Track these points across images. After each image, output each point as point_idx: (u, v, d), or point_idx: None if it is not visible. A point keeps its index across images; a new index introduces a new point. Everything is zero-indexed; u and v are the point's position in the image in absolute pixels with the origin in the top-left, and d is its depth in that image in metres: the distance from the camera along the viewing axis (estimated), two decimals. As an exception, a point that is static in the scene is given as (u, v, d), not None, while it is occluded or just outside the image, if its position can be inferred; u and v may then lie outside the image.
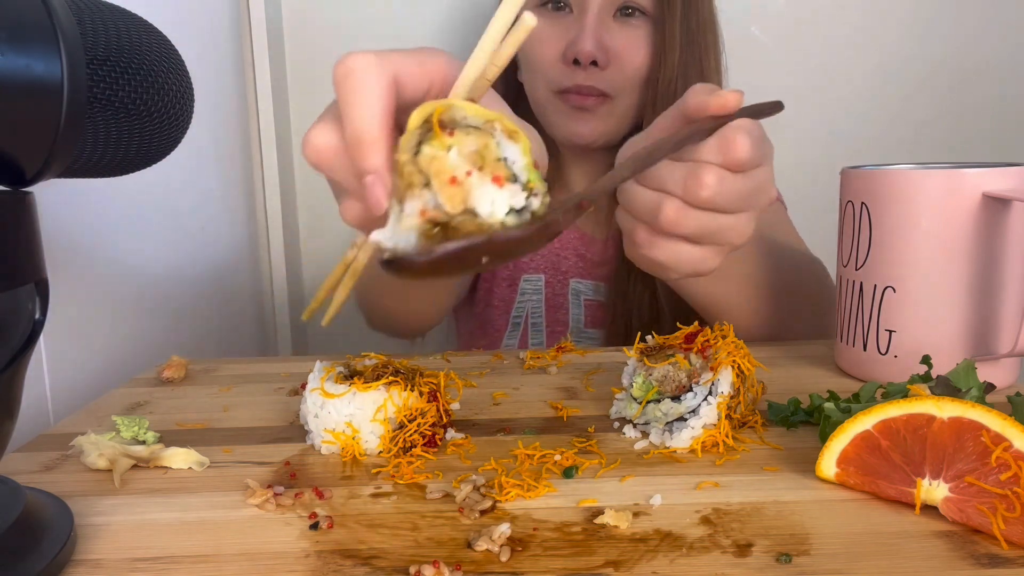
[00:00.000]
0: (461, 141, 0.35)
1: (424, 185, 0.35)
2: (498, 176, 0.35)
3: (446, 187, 0.34)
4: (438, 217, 0.35)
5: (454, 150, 0.35)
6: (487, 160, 0.35)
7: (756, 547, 0.37)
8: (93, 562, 0.37)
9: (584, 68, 0.84)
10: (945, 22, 1.19)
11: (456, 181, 0.34)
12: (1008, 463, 0.37)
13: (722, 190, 0.48)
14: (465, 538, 0.38)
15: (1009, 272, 0.56)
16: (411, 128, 0.35)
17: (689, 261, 0.51)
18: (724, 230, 0.50)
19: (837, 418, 0.45)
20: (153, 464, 0.48)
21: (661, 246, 0.51)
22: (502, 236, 0.35)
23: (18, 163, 0.34)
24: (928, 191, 0.56)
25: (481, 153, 0.35)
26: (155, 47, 0.39)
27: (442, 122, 0.35)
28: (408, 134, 0.35)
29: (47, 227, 0.38)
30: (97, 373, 0.72)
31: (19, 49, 0.32)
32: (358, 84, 0.36)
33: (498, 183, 0.35)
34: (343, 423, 0.49)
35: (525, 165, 0.36)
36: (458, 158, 0.35)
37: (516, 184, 0.35)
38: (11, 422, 0.37)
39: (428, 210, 0.35)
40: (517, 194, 0.35)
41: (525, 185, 0.36)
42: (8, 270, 0.34)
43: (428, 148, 0.35)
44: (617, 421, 0.53)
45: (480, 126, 0.36)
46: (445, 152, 0.35)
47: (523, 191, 0.35)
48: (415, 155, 0.35)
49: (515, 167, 0.36)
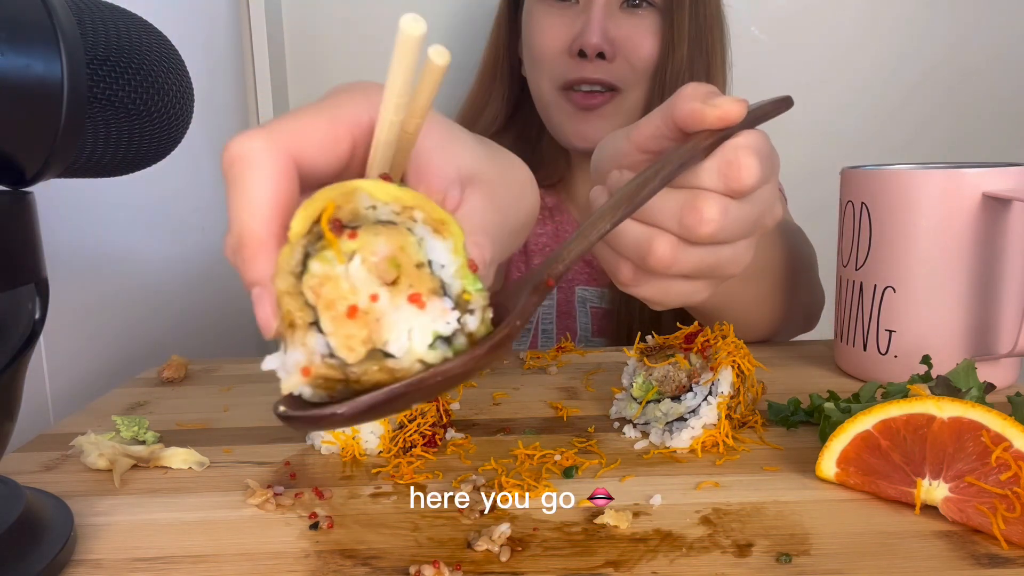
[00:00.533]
0: (367, 245, 0.26)
1: (312, 324, 0.26)
2: (417, 294, 0.26)
3: (342, 323, 0.26)
4: (329, 374, 0.26)
5: (356, 260, 0.26)
6: (404, 269, 0.26)
7: (756, 547, 0.37)
8: (93, 562, 0.37)
9: (591, 60, 0.83)
10: (945, 22, 1.19)
11: (356, 312, 0.26)
12: (1008, 463, 0.37)
13: (726, 223, 0.39)
14: (465, 538, 0.38)
15: (1009, 272, 0.56)
16: (293, 238, 0.26)
17: (678, 296, 0.44)
18: (722, 263, 0.42)
19: (837, 418, 0.45)
20: (153, 464, 0.48)
21: (649, 285, 0.43)
22: (438, 373, 0.26)
23: (18, 163, 0.34)
24: (928, 191, 0.56)
25: (395, 259, 0.26)
26: (155, 47, 0.39)
27: (339, 221, 0.26)
28: (288, 248, 0.26)
29: (47, 227, 0.38)
30: (97, 373, 0.72)
31: (19, 49, 0.32)
32: (240, 175, 0.29)
33: (417, 303, 0.26)
34: (343, 423, 0.48)
35: (457, 270, 0.27)
36: (361, 273, 0.26)
37: (444, 299, 0.27)
38: (11, 422, 0.37)
39: (315, 365, 0.26)
40: (445, 314, 0.27)
41: (457, 298, 0.27)
42: (8, 270, 0.34)
43: (317, 265, 0.26)
44: (617, 421, 0.53)
45: (395, 218, 0.27)
46: (343, 267, 0.26)
47: (453, 308, 0.27)
48: (301, 276, 0.26)
49: (444, 273, 0.27)
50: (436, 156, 0.32)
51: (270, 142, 0.29)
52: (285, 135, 0.30)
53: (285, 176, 0.29)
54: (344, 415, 0.26)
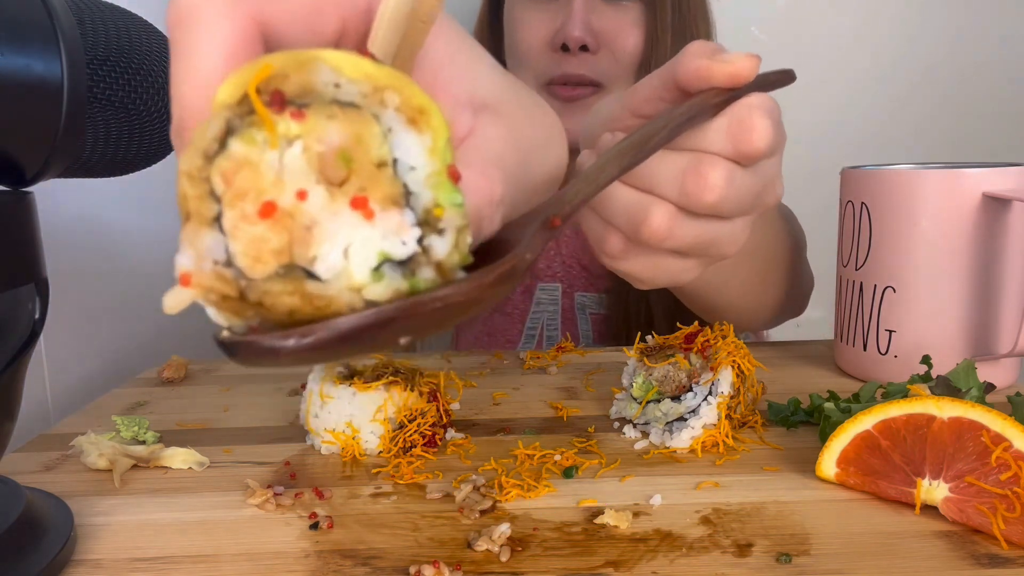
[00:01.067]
0: (314, 130, 0.20)
1: (215, 220, 0.20)
2: (362, 197, 0.20)
3: (249, 223, 0.20)
4: (219, 288, 0.20)
5: (295, 148, 0.20)
6: (357, 167, 0.20)
7: (756, 547, 0.37)
8: (93, 562, 0.37)
9: (574, 55, 0.81)
10: (945, 22, 1.19)
11: (273, 211, 0.20)
12: (1008, 463, 0.37)
13: (730, 192, 0.36)
14: (465, 538, 0.38)
15: (1009, 272, 0.56)
16: (216, 107, 0.21)
17: (667, 274, 0.40)
18: (718, 241, 0.38)
19: (837, 418, 0.45)
20: (153, 464, 0.48)
21: (637, 260, 0.39)
22: (437, 299, 0.21)
23: (18, 163, 0.34)
24: (928, 191, 0.56)
25: (348, 153, 0.20)
26: (155, 47, 0.39)
27: (281, 93, 0.20)
28: (207, 120, 0.21)
29: (47, 227, 0.38)
30: (97, 373, 0.72)
31: (19, 49, 0.32)
32: (186, 37, 0.23)
33: (362, 210, 0.20)
34: (343, 423, 0.49)
35: (430, 175, 0.21)
36: (298, 166, 0.20)
37: (404, 211, 0.21)
38: (11, 422, 0.37)
39: (200, 272, 0.20)
40: (402, 230, 0.21)
41: (425, 213, 0.21)
42: (8, 270, 0.34)
43: (238, 145, 0.20)
44: (617, 421, 0.53)
45: (360, 101, 0.21)
46: (274, 153, 0.20)
47: (416, 225, 0.21)
48: (214, 158, 0.20)
49: (411, 177, 0.21)
50: (447, 68, 0.26)
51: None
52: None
53: (244, 43, 0.23)
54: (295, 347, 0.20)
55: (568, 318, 0.92)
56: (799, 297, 0.78)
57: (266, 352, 0.20)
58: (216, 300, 0.21)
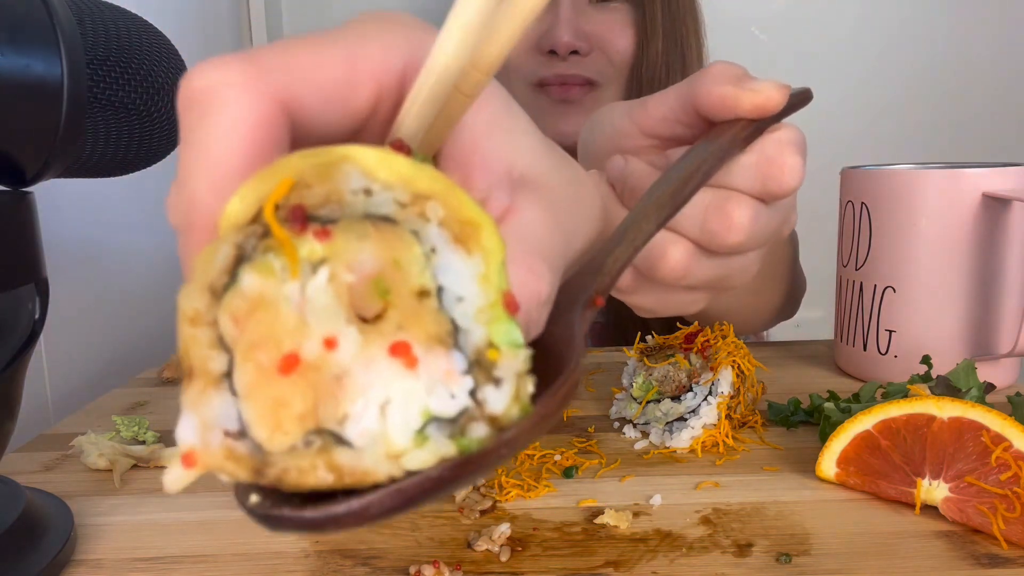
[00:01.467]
0: (342, 252, 0.17)
1: (224, 375, 0.17)
2: (404, 343, 0.17)
3: (268, 382, 0.16)
4: (232, 468, 0.17)
5: (320, 276, 0.17)
6: (395, 298, 0.17)
7: (756, 547, 0.37)
8: (93, 562, 0.37)
9: (563, 59, 0.79)
10: (945, 22, 1.19)
11: (296, 366, 0.16)
12: (1008, 463, 0.37)
13: (755, 232, 0.34)
14: (465, 538, 0.38)
15: (1009, 272, 0.56)
16: (224, 228, 0.17)
17: (676, 307, 0.38)
18: (732, 275, 0.36)
19: (837, 418, 0.45)
20: (153, 464, 0.48)
21: (647, 294, 0.37)
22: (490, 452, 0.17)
23: (18, 163, 0.34)
24: (928, 191, 0.56)
25: (384, 282, 0.17)
26: (155, 47, 0.39)
27: (302, 209, 0.17)
28: (212, 246, 0.17)
29: (47, 227, 0.38)
30: (97, 373, 0.72)
31: (19, 49, 0.32)
32: (201, 120, 0.19)
33: (404, 358, 0.17)
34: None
35: (483, 308, 0.17)
36: (324, 300, 0.17)
37: (453, 353, 0.17)
38: (11, 422, 0.37)
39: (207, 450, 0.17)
40: (451, 380, 0.17)
41: (477, 355, 0.17)
42: (8, 270, 0.34)
43: (251, 277, 0.17)
44: (617, 421, 0.53)
45: (397, 214, 0.18)
46: (295, 285, 0.17)
47: (467, 372, 0.17)
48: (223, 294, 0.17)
49: (460, 310, 0.17)
50: (483, 141, 0.23)
51: (251, 76, 0.19)
52: (276, 70, 0.20)
53: (267, 128, 0.19)
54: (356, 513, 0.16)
55: None
56: (794, 301, 0.78)
57: (307, 525, 0.17)
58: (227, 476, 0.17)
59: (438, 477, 0.17)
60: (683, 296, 0.38)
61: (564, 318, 0.22)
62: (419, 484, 0.16)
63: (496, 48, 0.19)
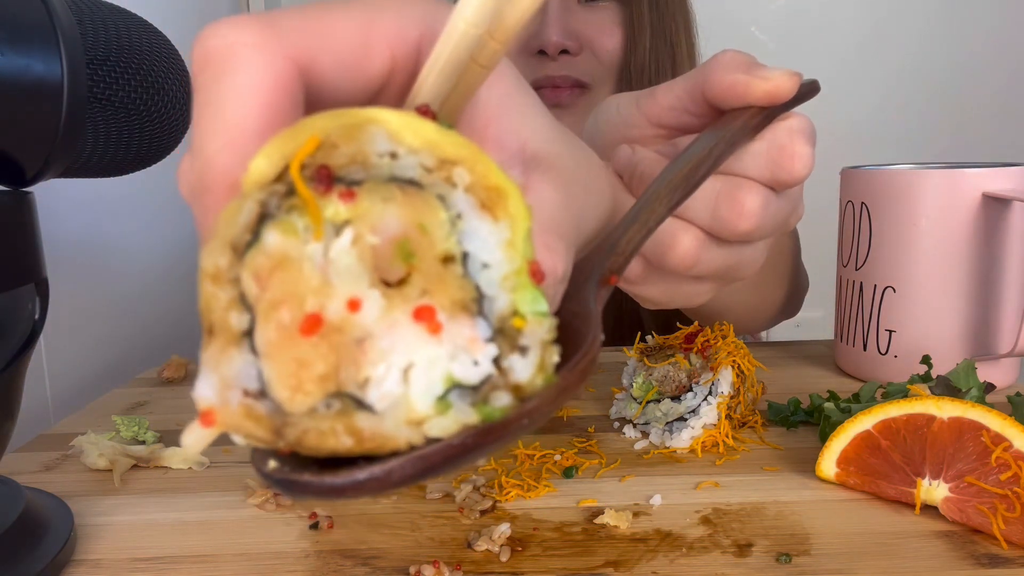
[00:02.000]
0: (367, 214, 0.17)
1: (245, 334, 0.17)
2: (429, 307, 0.17)
3: (289, 341, 0.16)
4: (251, 428, 0.17)
5: (344, 237, 0.17)
6: (419, 262, 0.17)
7: (756, 547, 0.37)
8: (93, 562, 0.37)
9: (554, 59, 0.79)
10: (945, 22, 1.19)
11: (319, 325, 0.16)
12: (1008, 463, 0.37)
13: (765, 219, 0.34)
14: (465, 538, 0.38)
15: (1009, 272, 0.56)
16: (248, 186, 0.17)
17: (683, 298, 0.38)
18: (741, 265, 0.36)
19: (837, 418, 0.45)
20: (153, 464, 0.48)
21: (656, 285, 0.37)
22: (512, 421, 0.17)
23: (18, 163, 0.34)
24: (928, 191, 0.56)
25: (409, 245, 0.17)
26: (155, 47, 0.39)
27: (328, 169, 0.17)
28: (236, 203, 0.17)
29: (47, 227, 0.38)
30: (97, 373, 0.72)
31: (19, 49, 0.32)
32: (215, 81, 0.19)
33: (428, 323, 0.17)
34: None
35: (509, 274, 0.17)
36: (348, 260, 0.17)
37: (477, 320, 0.17)
38: (11, 422, 0.37)
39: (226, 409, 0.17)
40: (475, 347, 0.17)
41: (501, 322, 0.17)
42: (8, 270, 0.34)
43: (274, 235, 0.17)
44: (617, 421, 0.53)
45: (422, 178, 0.18)
46: (318, 245, 0.17)
47: (490, 339, 0.17)
48: (243, 254, 0.17)
49: (485, 277, 0.18)
50: (497, 118, 0.23)
51: (268, 37, 0.19)
52: (292, 32, 0.20)
53: (284, 91, 0.19)
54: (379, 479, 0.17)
55: None
56: (796, 299, 0.78)
57: (327, 491, 0.17)
58: (246, 437, 0.17)
59: (460, 445, 0.17)
60: (691, 287, 0.37)
61: (579, 295, 0.23)
62: (441, 452, 0.17)
63: (514, 17, 0.18)
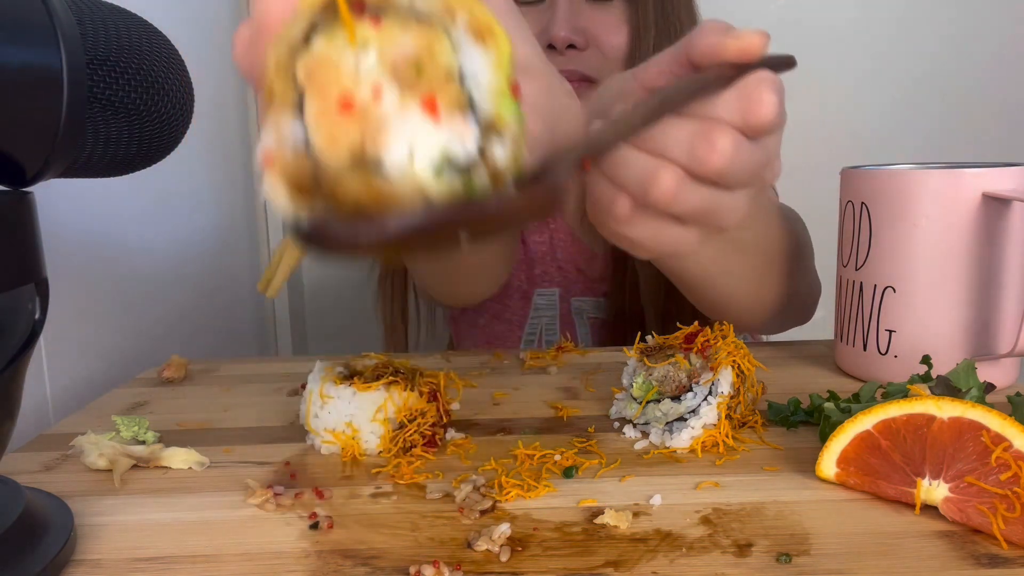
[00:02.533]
0: (390, 37, 0.22)
1: (297, 107, 0.23)
2: (432, 98, 0.22)
3: (329, 115, 0.22)
4: (298, 170, 0.23)
5: (371, 53, 0.22)
6: (427, 75, 0.22)
7: (756, 547, 0.37)
8: (93, 562, 0.37)
9: (562, 53, 0.81)
10: (945, 21, 1.19)
11: (351, 106, 0.22)
12: (1008, 463, 0.37)
13: (736, 160, 0.38)
14: (465, 538, 0.38)
15: (1009, 272, 0.56)
16: (303, 5, 0.23)
17: (669, 241, 0.42)
18: (720, 209, 0.40)
19: (837, 418, 0.45)
20: (153, 464, 0.48)
21: (643, 224, 0.41)
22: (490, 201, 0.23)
23: (18, 163, 0.34)
24: (928, 191, 0.56)
25: (420, 62, 0.22)
26: (155, 47, 0.39)
27: (364, 2, 0.23)
28: (295, 17, 0.23)
29: (47, 227, 0.38)
30: (97, 373, 0.72)
31: (19, 49, 0.32)
32: None
33: (431, 111, 0.22)
34: (343, 423, 0.49)
35: (492, 87, 0.23)
36: (372, 64, 0.22)
37: (469, 116, 0.23)
38: (11, 422, 0.37)
39: (283, 154, 0.23)
40: (465, 134, 0.23)
41: (486, 122, 0.23)
42: (8, 270, 0.34)
43: (321, 42, 0.22)
44: (617, 421, 0.53)
45: (430, 16, 0.23)
46: (351, 51, 0.22)
47: (477, 129, 0.23)
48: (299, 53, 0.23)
49: (476, 88, 0.23)
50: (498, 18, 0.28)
51: None
52: None
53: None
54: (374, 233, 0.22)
55: (566, 323, 0.92)
56: (802, 302, 0.78)
57: (345, 238, 0.23)
58: (291, 187, 0.23)
59: (446, 210, 0.22)
60: (676, 230, 0.41)
61: (555, 169, 0.28)
62: (433, 212, 0.22)
63: None
